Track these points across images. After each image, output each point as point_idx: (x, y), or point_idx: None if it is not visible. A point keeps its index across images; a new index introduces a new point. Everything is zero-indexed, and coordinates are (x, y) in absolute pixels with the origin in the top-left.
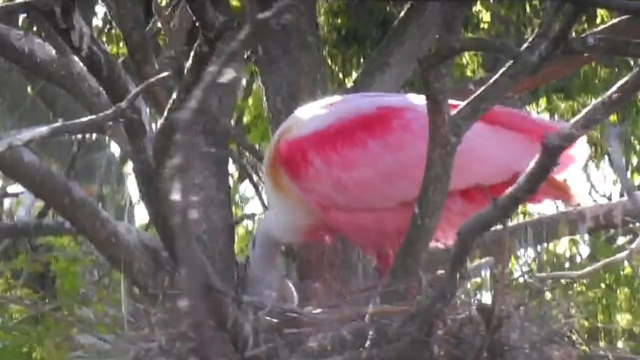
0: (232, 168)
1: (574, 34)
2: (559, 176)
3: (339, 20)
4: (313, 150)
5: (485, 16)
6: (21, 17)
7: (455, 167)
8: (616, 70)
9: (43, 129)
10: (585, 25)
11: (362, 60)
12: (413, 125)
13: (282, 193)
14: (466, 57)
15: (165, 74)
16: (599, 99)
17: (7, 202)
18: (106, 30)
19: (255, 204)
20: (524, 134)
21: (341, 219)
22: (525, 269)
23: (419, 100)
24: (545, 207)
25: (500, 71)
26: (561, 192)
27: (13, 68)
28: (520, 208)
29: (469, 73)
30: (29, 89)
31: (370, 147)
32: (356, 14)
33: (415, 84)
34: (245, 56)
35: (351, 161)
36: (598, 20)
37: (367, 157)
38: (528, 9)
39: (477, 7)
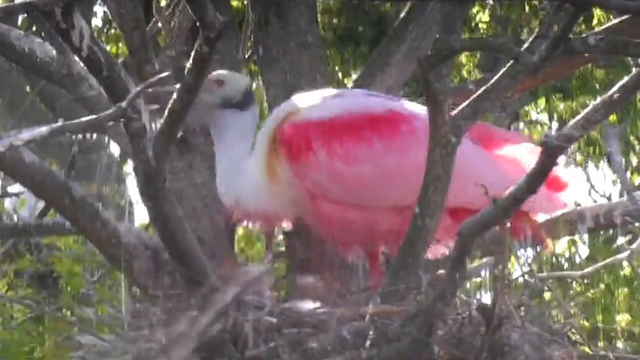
0: None
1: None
2: (544, 216)
3: (335, 20)
4: (318, 137)
5: (484, 17)
6: (21, 17)
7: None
8: (612, 70)
9: (43, 129)
10: (583, 27)
11: (359, 59)
12: (419, 134)
13: (272, 177)
14: (463, 57)
15: (165, 74)
16: (599, 99)
17: (8, 202)
18: (106, 30)
19: None
20: (520, 162)
21: (329, 211)
22: (525, 269)
23: (423, 109)
24: None
25: (501, 71)
26: (538, 234)
27: (13, 68)
28: None
29: (465, 74)
30: (28, 89)
31: (374, 146)
32: (352, 13)
33: (408, 85)
34: (246, 56)
35: (353, 156)
36: (595, 22)
37: (369, 155)
38: (527, 9)
39: (475, 8)
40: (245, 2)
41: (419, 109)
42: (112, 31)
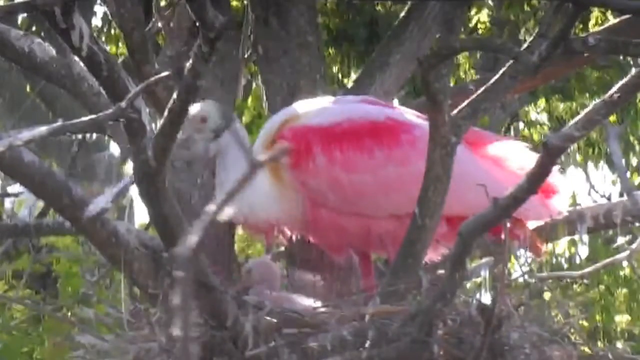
0: None
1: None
2: (536, 223)
3: (329, 20)
4: (318, 144)
5: (483, 16)
6: (21, 17)
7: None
8: (610, 71)
9: (43, 129)
10: (581, 27)
11: (354, 59)
12: (418, 143)
13: (278, 180)
14: (460, 57)
15: (165, 73)
16: (600, 100)
17: (8, 202)
18: (106, 30)
19: None
20: (513, 168)
21: (326, 218)
22: (525, 269)
23: (421, 118)
24: None
25: (501, 71)
26: (532, 241)
27: (13, 68)
28: None
29: (461, 74)
30: (28, 89)
31: (375, 155)
32: (347, 13)
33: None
34: (246, 56)
35: (354, 164)
36: (593, 22)
37: (370, 164)
38: (526, 9)
39: (474, 8)
40: (245, 2)
41: (417, 118)
42: (112, 31)
